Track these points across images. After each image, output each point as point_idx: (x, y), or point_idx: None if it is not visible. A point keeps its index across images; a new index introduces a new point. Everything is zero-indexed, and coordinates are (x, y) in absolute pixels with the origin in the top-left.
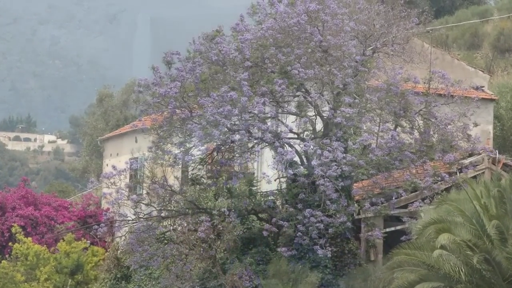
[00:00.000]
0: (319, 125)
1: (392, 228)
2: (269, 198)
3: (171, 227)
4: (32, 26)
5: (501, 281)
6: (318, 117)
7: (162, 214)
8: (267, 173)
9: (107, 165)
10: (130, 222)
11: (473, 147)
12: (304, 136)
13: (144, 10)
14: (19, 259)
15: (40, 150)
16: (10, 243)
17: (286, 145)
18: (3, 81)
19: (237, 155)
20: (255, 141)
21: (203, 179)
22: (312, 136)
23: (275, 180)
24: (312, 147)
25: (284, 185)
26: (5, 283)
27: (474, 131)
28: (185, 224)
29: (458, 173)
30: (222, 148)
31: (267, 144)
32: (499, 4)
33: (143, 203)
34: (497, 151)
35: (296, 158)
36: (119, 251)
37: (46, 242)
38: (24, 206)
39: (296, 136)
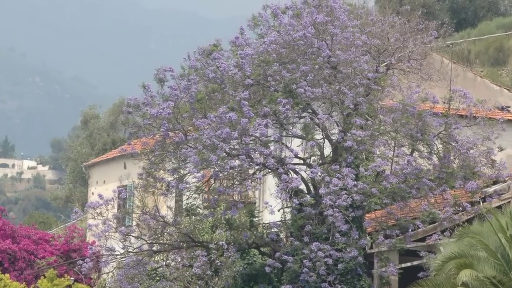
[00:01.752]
0: (328, 150)
1: (408, 264)
2: (272, 230)
3: (164, 262)
4: (9, 39)
5: None
6: (326, 140)
7: (154, 248)
8: (270, 203)
9: (92, 193)
10: (118, 256)
11: (498, 174)
12: (311, 162)
13: (134, 23)
14: None
15: (19, 177)
16: None
17: (291, 172)
18: None
19: (236, 182)
20: (256, 167)
21: (199, 209)
22: (320, 161)
23: (278, 210)
24: (319, 173)
25: (288, 216)
26: None
27: (499, 156)
28: (179, 259)
29: (481, 202)
30: (220, 175)
31: (270, 170)
32: None
33: (132, 236)
34: None
35: (302, 186)
36: None
37: (26, 278)
38: (1, 239)
39: (302, 161)
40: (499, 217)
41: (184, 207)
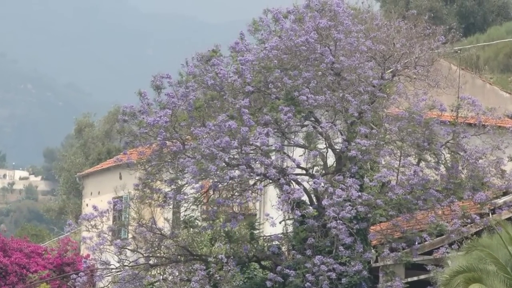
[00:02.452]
0: (331, 159)
1: (415, 278)
2: (273, 243)
3: (161, 277)
4: (0, 45)
5: None
6: (329, 150)
7: (151, 262)
8: (271, 215)
9: (87, 205)
10: (113, 270)
11: (507, 185)
12: (314, 172)
13: (130, 28)
14: None
15: (10, 188)
16: None
17: (293, 182)
18: None
19: (236, 193)
20: (257, 178)
21: (197, 221)
22: (323, 171)
23: (280, 223)
24: (322, 184)
25: (290, 228)
26: None
27: (509, 166)
28: (177, 273)
29: (490, 214)
30: (220, 185)
31: (271, 181)
32: None
33: (128, 249)
34: None
35: (305, 197)
36: None
37: None
38: None
39: (304, 172)
40: (509, 230)
41: (182, 219)
